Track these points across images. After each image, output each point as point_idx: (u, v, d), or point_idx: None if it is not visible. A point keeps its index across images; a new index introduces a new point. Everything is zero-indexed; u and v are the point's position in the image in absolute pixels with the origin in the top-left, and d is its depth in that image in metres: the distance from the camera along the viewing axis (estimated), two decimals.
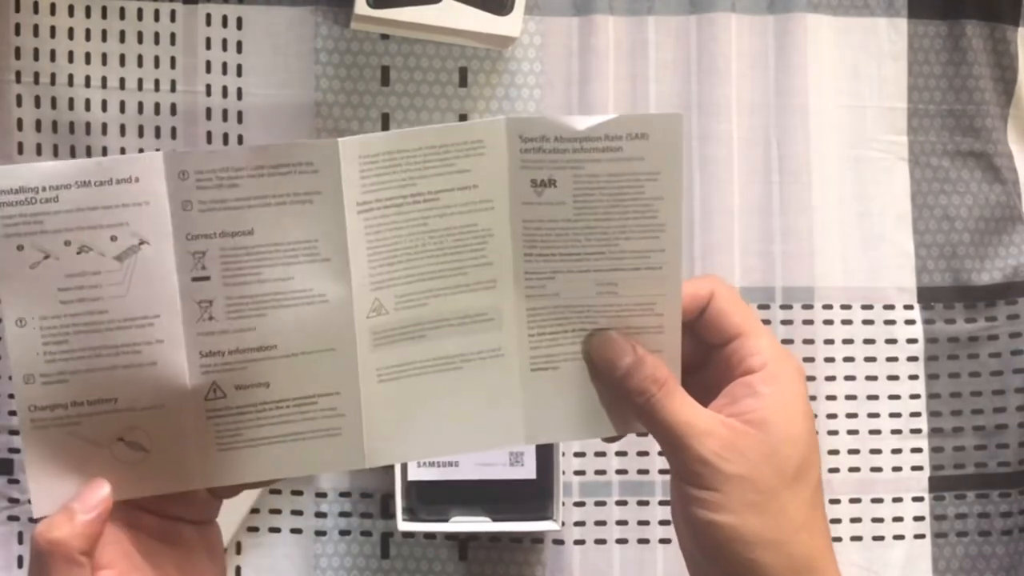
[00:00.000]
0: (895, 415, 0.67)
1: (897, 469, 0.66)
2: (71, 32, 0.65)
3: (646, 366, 0.46)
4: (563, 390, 0.47)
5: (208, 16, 0.65)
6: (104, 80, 0.65)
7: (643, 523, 0.65)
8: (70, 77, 0.64)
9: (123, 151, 0.64)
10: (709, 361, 0.48)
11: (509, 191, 0.44)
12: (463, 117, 0.66)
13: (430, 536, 0.65)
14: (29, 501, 0.64)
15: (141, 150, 0.65)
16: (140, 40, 0.65)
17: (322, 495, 0.65)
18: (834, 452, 0.66)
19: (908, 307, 0.67)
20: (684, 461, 0.45)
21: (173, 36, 0.65)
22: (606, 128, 0.42)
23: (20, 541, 0.64)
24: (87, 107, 0.64)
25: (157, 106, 0.65)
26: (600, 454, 0.65)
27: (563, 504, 0.62)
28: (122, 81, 0.65)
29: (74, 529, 0.43)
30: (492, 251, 0.45)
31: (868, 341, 0.67)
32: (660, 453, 0.58)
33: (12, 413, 0.63)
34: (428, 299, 0.45)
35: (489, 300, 0.45)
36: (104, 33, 0.65)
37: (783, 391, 0.46)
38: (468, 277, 0.45)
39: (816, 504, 0.46)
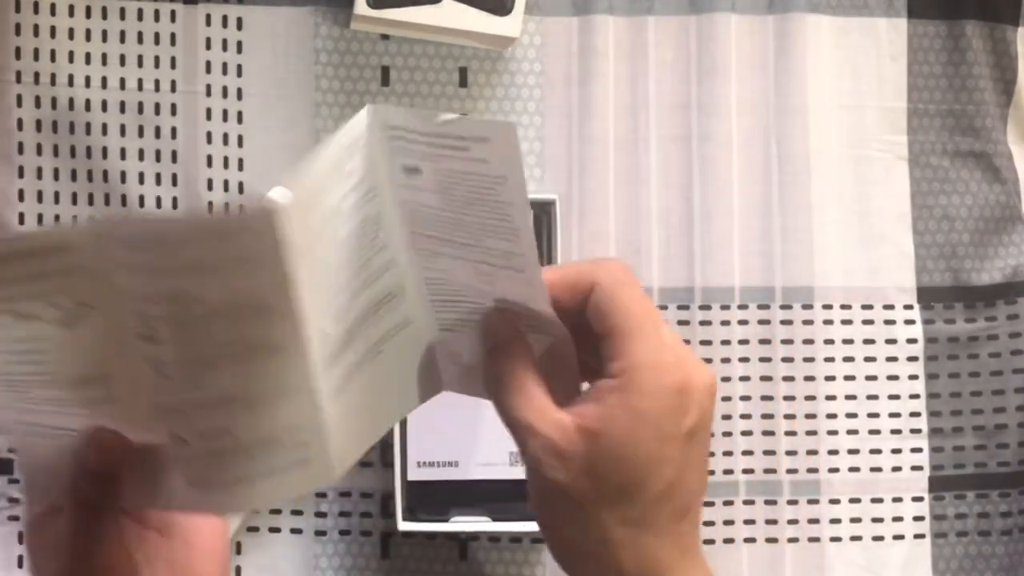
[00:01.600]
0: (895, 415, 0.67)
1: (897, 469, 0.66)
2: (71, 32, 0.65)
3: (500, 355, 0.44)
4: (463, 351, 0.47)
5: (208, 16, 0.65)
6: (104, 80, 0.65)
7: None
8: (70, 77, 0.64)
9: (123, 151, 0.64)
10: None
11: (388, 175, 0.43)
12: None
13: (430, 536, 0.65)
14: None
15: (141, 150, 0.65)
16: (140, 40, 0.65)
17: (322, 495, 0.65)
18: (834, 452, 0.66)
19: (908, 307, 0.67)
20: (521, 456, 0.44)
21: (173, 36, 0.65)
22: (450, 127, 0.41)
23: (20, 541, 0.64)
24: (87, 107, 0.64)
25: (157, 106, 0.65)
26: None
27: None
28: (122, 81, 0.65)
29: None
30: (385, 234, 0.44)
31: (868, 341, 0.67)
32: None
33: None
34: (352, 303, 0.44)
35: (392, 280, 0.45)
36: (104, 33, 0.65)
37: (632, 405, 0.42)
38: (372, 266, 0.45)
39: (645, 524, 0.43)
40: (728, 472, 0.65)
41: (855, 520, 0.66)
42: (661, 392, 0.42)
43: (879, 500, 0.66)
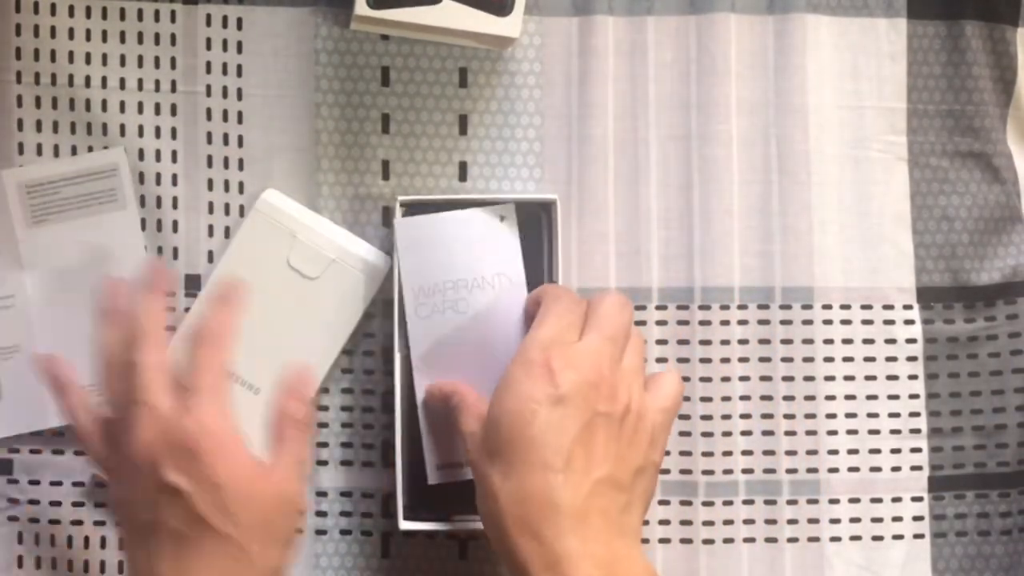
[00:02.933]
0: (894, 415, 0.67)
1: (896, 469, 0.67)
2: (71, 32, 0.65)
3: (451, 398, 0.60)
4: None
5: (208, 17, 0.65)
6: (104, 80, 0.65)
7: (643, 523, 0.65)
8: (70, 77, 0.64)
9: (125, 151, 0.64)
10: None
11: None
12: (463, 117, 0.66)
13: (430, 536, 0.65)
14: (28, 501, 0.64)
15: (141, 151, 0.65)
16: (140, 41, 0.65)
17: (323, 494, 0.65)
18: (833, 452, 0.66)
19: (907, 307, 0.67)
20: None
21: (173, 36, 0.65)
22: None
23: (20, 541, 0.64)
24: (87, 108, 0.64)
25: (157, 106, 0.65)
26: None
27: None
28: (122, 81, 0.65)
29: None
30: None
31: (867, 341, 0.67)
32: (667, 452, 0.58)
33: None
34: None
35: None
36: (104, 34, 0.65)
37: (505, 376, 0.55)
38: None
39: (516, 472, 0.52)
40: (728, 472, 0.65)
41: (855, 520, 0.66)
42: (526, 364, 0.54)
43: (879, 500, 0.66)
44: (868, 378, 0.67)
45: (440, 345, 0.62)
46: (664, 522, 0.65)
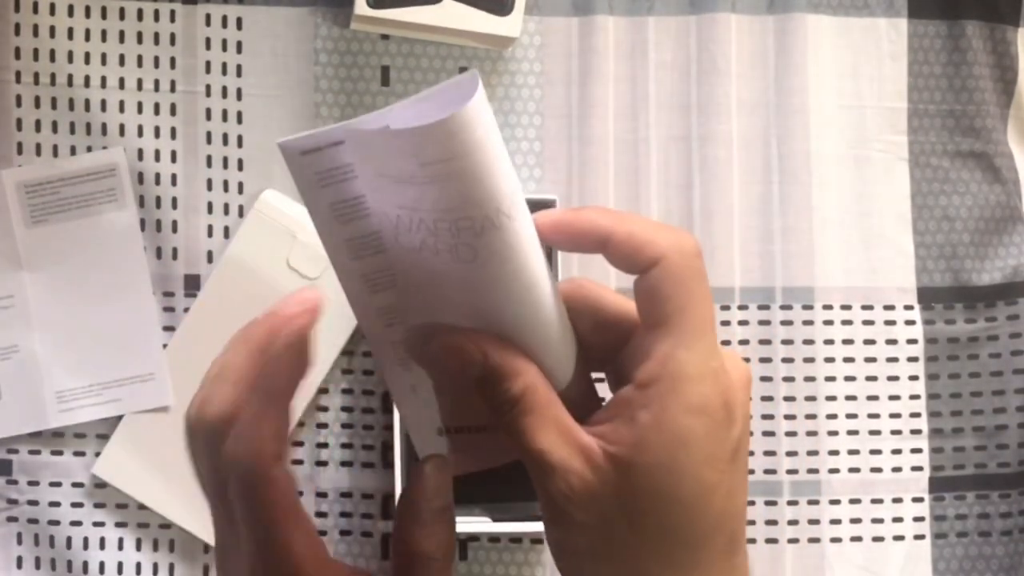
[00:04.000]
0: (895, 416, 0.67)
1: (897, 470, 0.66)
2: (71, 32, 0.65)
3: (496, 380, 0.36)
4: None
5: (208, 16, 0.65)
6: (104, 80, 0.65)
7: None
8: (70, 77, 0.64)
9: (124, 151, 0.64)
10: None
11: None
12: None
13: None
14: (27, 502, 0.64)
15: (141, 151, 0.65)
16: (140, 40, 0.65)
17: (323, 495, 0.65)
18: (834, 452, 0.66)
19: (908, 307, 0.67)
20: (537, 485, 0.36)
21: (173, 36, 0.65)
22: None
23: (19, 542, 0.64)
24: (87, 107, 0.64)
25: (157, 106, 0.65)
26: None
27: None
28: (121, 81, 0.65)
29: None
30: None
31: (868, 341, 0.67)
32: None
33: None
34: None
35: None
36: (104, 33, 0.65)
37: (672, 427, 0.34)
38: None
39: (696, 565, 0.36)
40: None
41: (855, 521, 0.66)
42: (707, 409, 0.35)
43: (879, 501, 0.66)
44: (869, 378, 0.67)
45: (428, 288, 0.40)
46: None
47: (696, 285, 0.36)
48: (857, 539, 0.66)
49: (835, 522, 0.66)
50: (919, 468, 0.67)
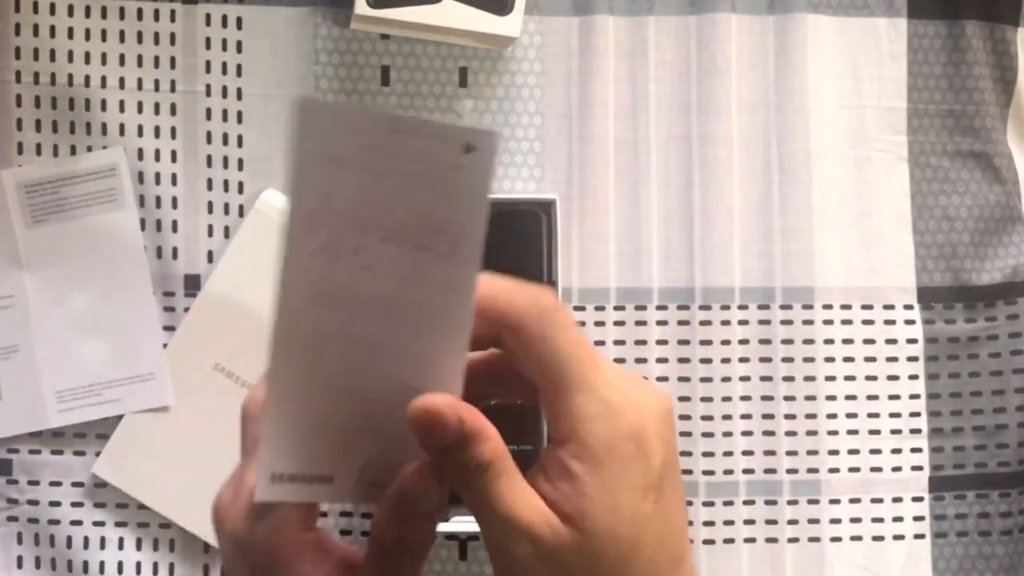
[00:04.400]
0: (895, 415, 0.67)
1: (897, 469, 0.66)
2: (71, 32, 0.65)
3: (473, 446, 0.37)
4: None
5: (208, 16, 0.65)
6: (104, 80, 0.65)
7: None
8: (70, 77, 0.64)
9: (124, 151, 0.64)
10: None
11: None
12: (463, 117, 0.66)
13: None
14: (28, 501, 0.64)
15: (141, 150, 0.65)
16: (140, 40, 0.65)
17: None
18: (834, 452, 0.66)
19: (908, 307, 0.67)
20: (498, 552, 0.39)
21: (173, 36, 0.65)
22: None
23: (20, 541, 0.64)
24: (87, 107, 0.64)
25: (157, 106, 0.65)
26: None
27: None
28: (122, 81, 0.65)
29: None
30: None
31: (868, 341, 0.67)
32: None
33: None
34: None
35: None
36: (104, 33, 0.65)
37: (600, 473, 0.37)
38: None
39: None
40: (728, 472, 0.65)
41: (855, 520, 0.66)
42: (619, 446, 0.37)
43: (879, 500, 0.66)
44: (869, 378, 0.67)
45: (321, 302, 0.40)
46: None
47: (563, 337, 0.37)
48: (857, 538, 0.66)
49: (835, 522, 0.66)
50: (919, 467, 0.67)
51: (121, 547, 0.64)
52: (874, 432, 0.66)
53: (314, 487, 0.40)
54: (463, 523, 0.62)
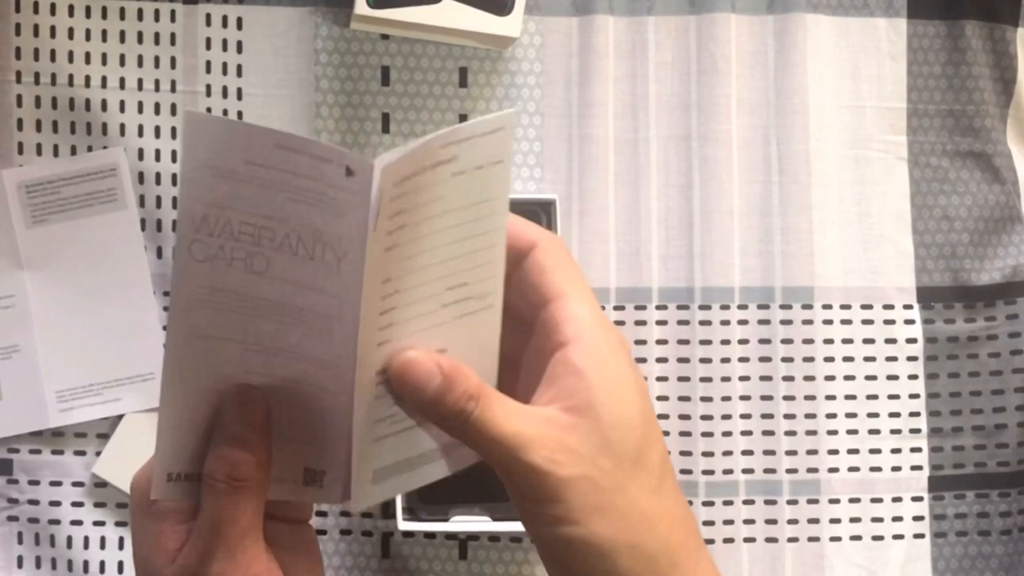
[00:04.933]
0: (894, 415, 0.67)
1: (896, 469, 0.67)
2: (71, 32, 0.65)
3: (457, 383, 0.39)
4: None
5: (208, 16, 0.65)
6: (104, 80, 0.65)
7: None
8: (70, 77, 0.64)
9: (124, 151, 0.64)
10: (533, 332, 0.42)
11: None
12: (463, 117, 0.66)
13: (430, 536, 0.65)
14: (28, 501, 0.64)
15: (141, 150, 0.65)
16: (140, 40, 0.65)
17: None
18: (833, 452, 0.66)
19: (907, 307, 0.67)
20: (517, 476, 0.40)
21: (173, 36, 0.65)
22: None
23: (20, 541, 0.64)
24: (87, 107, 0.64)
25: (157, 106, 0.65)
26: None
27: None
28: (122, 81, 0.65)
29: None
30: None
31: (867, 341, 0.67)
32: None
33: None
34: None
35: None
36: (104, 33, 0.65)
37: (605, 363, 0.40)
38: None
39: (663, 489, 0.41)
40: (728, 472, 0.65)
41: (855, 520, 0.66)
42: (619, 348, 0.41)
43: (879, 500, 0.66)
44: (868, 378, 0.67)
45: (213, 307, 0.41)
46: None
47: (571, 262, 0.43)
48: (857, 538, 0.66)
49: (835, 521, 0.66)
50: (918, 467, 0.67)
51: (121, 547, 0.64)
52: (874, 432, 0.66)
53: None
54: (463, 523, 0.62)
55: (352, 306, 0.40)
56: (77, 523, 0.64)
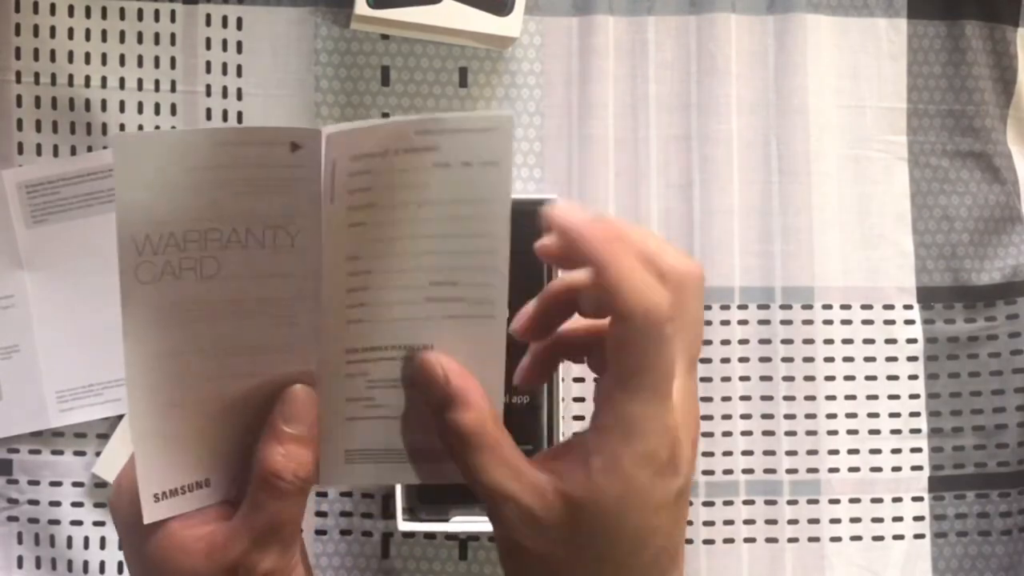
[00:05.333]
0: (895, 415, 0.67)
1: (897, 469, 0.67)
2: (71, 32, 0.65)
3: (449, 408, 0.40)
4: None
5: (208, 16, 0.65)
6: (104, 80, 0.65)
7: None
8: (70, 77, 0.64)
9: None
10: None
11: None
12: None
13: (430, 536, 0.65)
14: (28, 501, 0.64)
15: None
16: (140, 40, 0.65)
17: (323, 494, 0.65)
18: (834, 452, 0.66)
19: (908, 307, 0.67)
20: (491, 521, 0.40)
21: (173, 36, 0.65)
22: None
23: (20, 541, 0.64)
24: (87, 107, 0.64)
25: (157, 106, 0.65)
26: None
27: None
28: (122, 81, 0.65)
29: None
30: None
31: (868, 341, 0.67)
32: None
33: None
34: None
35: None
36: (104, 33, 0.65)
37: (621, 474, 0.38)
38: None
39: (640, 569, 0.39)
40: (728, 472, 0.65)
41: (855, 520, 0.66)
42: (654, 461, 0.38)
43: (879, 500, 0.66)
44: (868, 378, 0.67)
45: (168, 324, 0.41)
46: None
47: (659, 350, 0.38)
48: (857, 538, 0.66)
49: (835, 521, 0.66)
50: (919, 467, 0.67)
51: (121, 547, 0.64)
52: (874, 432, 0.66)
53: (195, 493, 0.43)
54: (463, 523, 0.62)
55: (314, 279, 0.40)
56: (77, 523, 0.64)
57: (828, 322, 0.67)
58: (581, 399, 0.65)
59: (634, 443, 0.37)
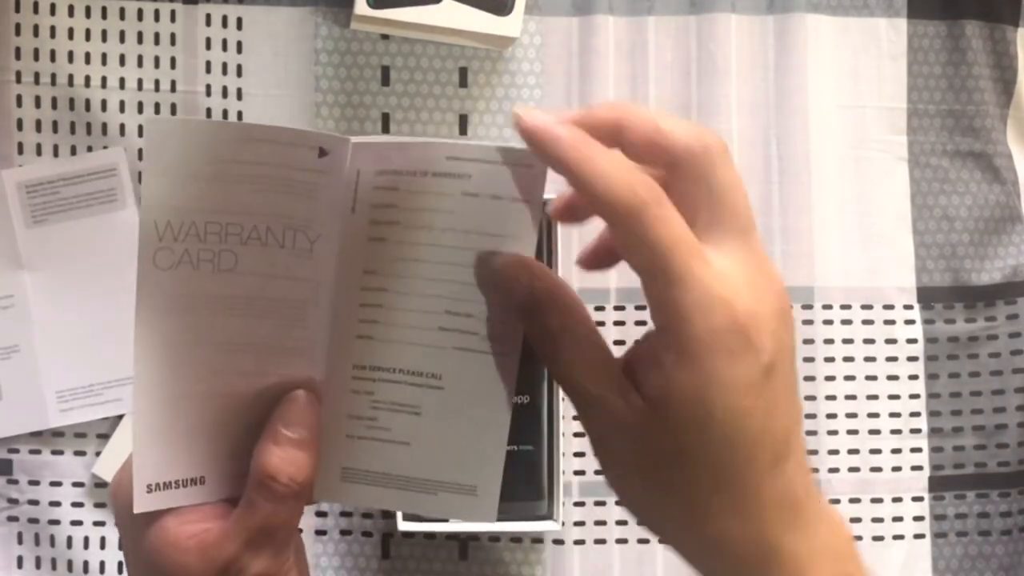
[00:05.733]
0: (895, 415, 0.67)
1: (897, 469, 0.67)
2: (71, 32, 0.65)
3: (537, 310, 0.39)
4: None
5: (208, 16, 0.65)
6: (104, 80, 0.65)
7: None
8: (70, 77, 0.64)
9: (125, 151, 0.64)
10: None
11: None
12: (463, 117, 0.66)
13: (430, 536, 0.65)
14: (28, 501, 0.64)
15: (141, 151, 0.65)
16: (140, 40, 0.65)
17: None
18: (834, 452, 0.66)
19: (908, 307, 0.67)
20: (580, 418, 0.40)
21: (173, 36, 0.65)
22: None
23: (20, 541, 0.64)
24: (87, 107, 0.64)
25: (157, 106, 0.65)
26: None
27: (563, 504, 0.62)
28: (122, 81, 0.65)
29: None
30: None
31: (868, 341, 0.67)
32: None
33: None
34: None
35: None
36: (104, 33, 0.65)
37: (693, 365, 0.36)
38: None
39: (741, 485, 0.38)
40: None
41: (855, 520, 0.66)
42: (717, 340, 0.36)
43: (879, 500, 0.66)
44: (869, 378, 0.67)
45: (181, 313, 0.41)
46: None
47: (647, 236, 0.37)
48: (857, 538, 0.66)
49: None
50: (919, 467, 0.67)
51: (121, 547, 0.64)
52: (874, 432, 0.66)
53: (189, 490, 0.42)
54: (463, 523, 0.62)
55: (328, 286, 0.40)
56: (77, 523, 0.64)
57: (828, 322, 0.67)
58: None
59: (690, 328, 0.36)
